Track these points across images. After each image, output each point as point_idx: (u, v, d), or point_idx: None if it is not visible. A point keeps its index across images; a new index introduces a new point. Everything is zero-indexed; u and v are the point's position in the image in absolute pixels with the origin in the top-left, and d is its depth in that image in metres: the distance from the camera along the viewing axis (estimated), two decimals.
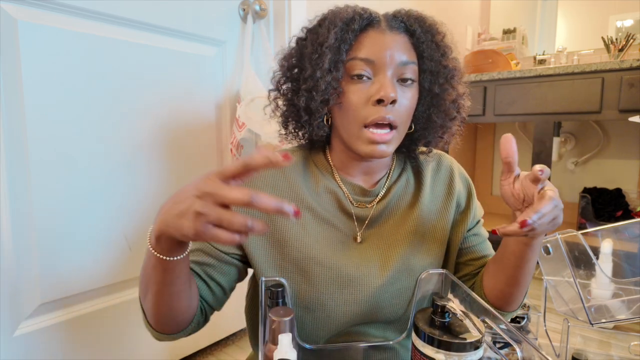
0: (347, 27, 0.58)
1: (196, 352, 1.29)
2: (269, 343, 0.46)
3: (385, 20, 0.60)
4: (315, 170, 0.67)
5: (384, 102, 0.56)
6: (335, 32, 0.58)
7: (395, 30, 0.59)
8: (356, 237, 0.65)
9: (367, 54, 0.58)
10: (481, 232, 0.72)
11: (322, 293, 0.61)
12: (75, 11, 0.92)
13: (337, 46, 0.58)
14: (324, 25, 0.61)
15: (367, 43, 0.58)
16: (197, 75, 1.19)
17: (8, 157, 0.86)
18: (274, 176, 0.65)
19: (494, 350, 0.50)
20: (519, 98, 1.83)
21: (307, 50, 0.62)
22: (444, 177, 0.70)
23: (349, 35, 0.58)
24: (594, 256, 1.09)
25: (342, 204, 0.65)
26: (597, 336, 1.28)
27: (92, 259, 1.01)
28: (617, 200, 2.21)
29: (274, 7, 1.35)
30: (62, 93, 0.92)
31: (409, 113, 0.61)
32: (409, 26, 0.60)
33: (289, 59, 0.65)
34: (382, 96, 0.56)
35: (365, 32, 0.59)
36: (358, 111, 0.58)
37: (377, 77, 0.58)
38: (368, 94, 0.58)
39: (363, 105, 0.58)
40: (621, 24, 2.20)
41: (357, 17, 0.58)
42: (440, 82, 0.62)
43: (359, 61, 0.58)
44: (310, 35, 0.63)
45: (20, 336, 0.91)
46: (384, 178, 0.68)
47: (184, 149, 1.18)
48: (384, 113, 0.57)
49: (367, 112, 0.58)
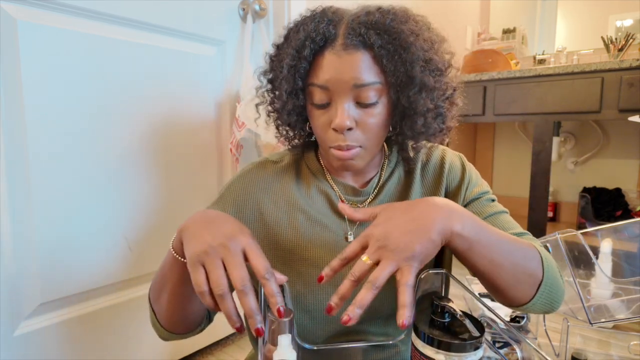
0: (298, 55, 0.56)
1: (196, 351, 1.29)
2: (268, 343, 0.46)
3: (343, 37, 0.55)
4: (307, 172, 0.68)
5: (338, 131, 0.57)
6: (287, 62, 0.57)
7: (351, 49, 0.54)
8: (347, 237, 0.65)
9: (322, 81, 0.56)
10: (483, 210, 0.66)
11: (318, 294, 0.62)
12: (75, 11, 0.92)
13: (292, 75, 0.57)
14: (284, 47, 0.60)
15: (322, 68, 0.56)
16: (197, 75, 1.19)
17: (8, 157, 0.86)
18: (266, 180, 0.66)
19: (494, 350, 0.50)
20: (519, 98, 1.83)
21: (275, 70, 0.62)
22: (433, 169, 0.69)
23: (302, 64, 0.56)
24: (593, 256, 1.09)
25: (333, 205, 0.65)
26: (597, 336, 1.28)
27: (92, 259, 1.01)
28: (616, 199, 2.21)
29: (274, 6, 1.34)
30: (62, 93, 0.92)
31: (377, 130, 0.59)
32: (367, 40, 0.54)
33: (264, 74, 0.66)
34: (336, 126, 0.56)
35: (321, 54, 0.56)
36: (322, 135, 0.59)
37: (334, 104, 0.57)
38: (328, 119, 0.58)
39: (325, 130, 0.58)
40: (621, 23, 2.20)
41: (308, 43, 0.55)
42: (408, 95, 0.56)
43: (316, 88, 0.57)
44: (277, 52, 0.63)
45: (20, 336, 0.91)
46: (376, 177, 0.68)
47: (184, 149, 1.18)
48: (342, 141, 0.57)
49: (329, 137, 0.58)
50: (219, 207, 0.65)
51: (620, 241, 1.16)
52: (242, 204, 0.64)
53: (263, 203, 0.64)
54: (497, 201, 0.69)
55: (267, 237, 0.63)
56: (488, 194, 0.69)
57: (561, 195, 2.47)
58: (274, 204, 0.65)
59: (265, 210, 0.64)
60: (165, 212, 1.15)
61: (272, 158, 0.69)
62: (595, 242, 1.16)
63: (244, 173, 0.67)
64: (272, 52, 0.64)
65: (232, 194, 0.65)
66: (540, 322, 1.24)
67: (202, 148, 1.23)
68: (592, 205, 2.20)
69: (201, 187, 1.24)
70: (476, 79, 1.91)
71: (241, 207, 0.64)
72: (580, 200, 2.24)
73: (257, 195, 0.65)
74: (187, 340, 1.25)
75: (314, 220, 0.64)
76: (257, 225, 0.64)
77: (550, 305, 0.58)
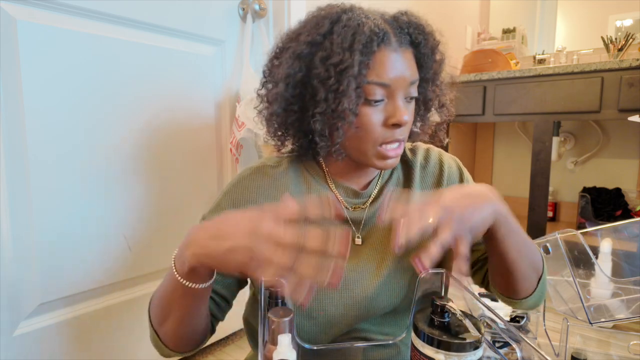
0: (366, 50, 0.54)
1: (196, 351, 1.29)
2: (268, 343, 0.46)
3: (394, 35, 0.56)
4: (307, 177, 0.67)
5: (399, 126, 0.58)
6: (356, 57, 0.54)
7: (404, 46, 0.57)
8: (354, 239, 0.65)
9: (383, 78, 0.56)
10: None
11: (323, 299, 0.61)
12: (74, 11, 0.92)
13: (359, 71, 0.54)
14: (335, 42, 0.55)
15: (382, 65, 0.55)
16: (197, 74, 1.19)
17: (7, 157, 0.86)
18: (265, 185, 0.64)
19: (494, 350, 0.50)
20: (519, 98, 1.83)
21: (316, 70, 0.57)
22: (433, 170, 0.70)
23: (368, 59, 0.55)
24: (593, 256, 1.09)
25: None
26: (597, 335, 1.28)
27: (92, 259, 1.01)
28: (616, 199, 2.21)
29: (274, 6, 1.34)
30: (62, 92, 0.92)
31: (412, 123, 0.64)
32: (414, 39, 0.59)
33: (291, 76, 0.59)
34: (398, 121, 0.57)
35: (378, 51, 0.55)
36: (374, 133, 0.58)
37: (391, 100, 0.58)
38: (383, 117, 0.58)
39: (378, 127, 0.58)
40: (621, 23, 2.20)
41: (374, 38, 0.54)
42: (432, 88, 0.64)
43: (375, 86, 0.56)
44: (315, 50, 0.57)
45: (20, 336, 0.91)
46: (376, 179, 0.68)
47: (184, 149, 1.18)
48: (398, 135, 0.59)
49: (383, 134, 0.58)
50: (216, 213, 0.63)
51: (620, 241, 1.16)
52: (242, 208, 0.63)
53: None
54: None
55: None
56: None
57: (561, 195, 2.47)
58: None
59: None
60: (165, 212, 1.15)
61: (269, 162, 0.67)
62: (595, 242, 1.16)
63: (241, 179, 0.65)
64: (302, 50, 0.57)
65: (229, 200, 0.64)
66: (540, 322, 1.24)
67: (202, 148, 1.23)
68: (592, 205, 2.20)
69: (201, 186, 1.24)
70: (476, 79, 1.92)
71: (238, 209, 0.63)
72: (580, 200, 2.24)
73: (257, 201, 0.63)
74: None
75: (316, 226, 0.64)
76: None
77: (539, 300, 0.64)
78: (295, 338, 0.46)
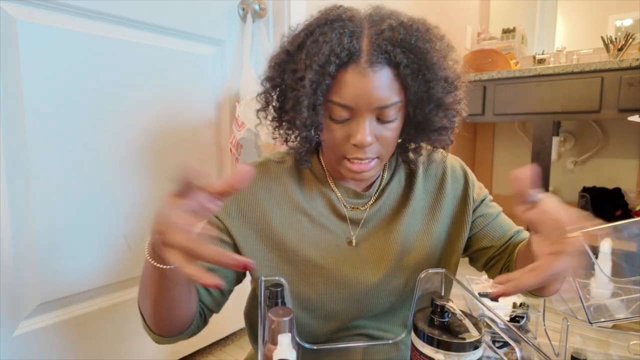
0: (322, 70, 0.52)
1: (196, 351, 1.29)
2: (268, 343, 0.46)
3: (367, 54, 0.52)
4: (308, 174, 0.67)
5: (359, 147, 0.56)
6: (311, 77, 0.53)
7: (376, 66, 0.52)
8: (351, 240, 0.65)
9: (345, 100, 0.53)
10: (488, 212, 0.70)
11: (321, 294, 0.62)
12: (74, 11, 0.92)
13: (314, 90, 0.54)
14: (301, 56, 0.55)
15: (346, 86, 0.53)
16: (197, 74, 1.19)
17: (7, 157, 0.86)
18: (268, 179, 0.65)
19: (493, 350, 0.50)
20: (519, 97, 1.83)
21: (287, 79, 0.58)
22: (435, 172, 0.70)
23: (325, 80, 0.53)
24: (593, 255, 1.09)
25: (335, 208, 0.65)
26: (596, 335, 1.28)
27: (92, 259, 1.01)
28: (616, 199, 2.21)
29: (274, 6, 1.34)
30: (62, 92, 0.92)
31: (393, 142, 0.59)
32: (392, 58, 0.52)
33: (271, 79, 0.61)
34: (358, 142, 0.55)
35: (344, 70, 0.53)
36: (337, 147, 0.58)
37: (355, 120, 0.55)
38: (346, 134, 0.56)
39: (342, 144, 0.57)
40: (620, 23, 2.20)
41: (332, 58, 0.52)
42: (425, 111, 0.57)
43: (337, 106, 0.54)
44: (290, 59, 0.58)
45: (20, 336, 0.91)
46: (377, 180, 0.68)
47: (184, 149, 1.18)
48: (362, 154, 0.57)
49: (345, 150, 0.57)
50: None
51: (620, 241, 1.16)
52: (244, 202, 0.63)
53: (265, 202, 0.64)
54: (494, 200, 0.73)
55: (271, 237, 0.63)
56: (488, 196, 0.72)
57: (561, 195, 2.47)
58: (278, 204, 0.64)
59: (268, 210, 0.64)
60: None
61: (273, 158, 0.68)
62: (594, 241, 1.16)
63: None
64: (281, 58, 0.59)
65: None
66: (539, 321, 1.24)
67: (201, 148, 1.23)
68: (592, 205, 2.20)
69: None
70: (476, 79, 1.92)
71: (243, 205, 0.63)
72: (580, 200, 2.24)
73: (260, 195, 0.64)
74: (187, 341, 1.25)
75: (316, 223, 0.64)
76: (260, 225, 0.63)
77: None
78: (295, 338, 0.46)
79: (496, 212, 0.71)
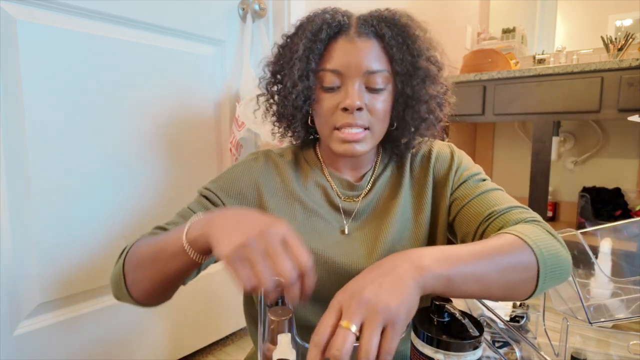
0: (314, 38, 0.60)
1: (196, 351, 1.29)
2: (268, 342, 0.46)
3: (356, 26, 0.61)
4: (305, 166, 0.71)
5: (349, 110, 0.60)
6: (304, 43, 0.60)
7: (364, 37, 0.60)
8: (344, 229, 0.67)
9: (335, 65, 0.60)
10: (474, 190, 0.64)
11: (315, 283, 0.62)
12: (74, 11, 0.92)
13: (307, 56, 0.60)
14: (298, 34, 0.63)
15: (336, 53, 0.60)
16: (197, 74, 1.19)
17: (7, 157, 0.86)
18: (267, 166, 0.69)
19: (493, 350, 0.50)
20: (518, 97, 1.83)
21: (284, 58, 0.65)
22: (421, 159, 0.71)
23: (317, 46, 0.60)
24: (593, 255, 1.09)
25: (330, 198, 0.68)
26: (596, 335, 1.28)
27: (92, 259, 1.01)
28: (616, 199, 2.21)
29: (274, 6, 1.34)
30: (62, 92, 0.92)
31: (383, 115, 0.63)
32: (378, 30, 0.60)
33: (271, 65, 0.68)
34: (347, 105, 0.59)
35: (334, 41, 0.61)
36: (329, 117, 0.62)
37: (345, 86, 0.60)
38: (336, 102, 0.61)
39: (332, 112, 0.61)
40: (620, 23, 2.20)
41: (324, 27, 0.60)
42: (412, 84, 0.62)
43: (328, 72, 0.60)
44: (287, 42, 0.66)
45: (20, 336, 0.91)
46: (370, 172, 0.70)
47: (184, 149, 1.18)
48: (352, 120, 0.60)
49: (336, 118, 0.61)
50: (217, 183, 0.67)
51: (620, 241, 1.16)
52: (244, 183, 0.66)
53: (263, 187, 0.66)
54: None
55: None
56: (478, 175, 0.67)
57: (561, 194, 2.47)
58: (274, 191, 0.67)
59: (265, 195, 0.66)
60: (165, 212, 1.15)
61: (275, 150, 0.72)
62: (594, 241, 1.16)
63: (246, 159, 0.70)
64: (280, 42, 0.67)
65: (231, 174, 0.68)
66: (539, 321, 1.24)
67: (201, 147, 1.23)
68: (592, 204, 2.20)
69: (201, 186, 1.24)
70: (476, 79, 1.91)
71: (242, 185, 0.66)
72: (580, 199, 2.24)
73: (259, 179, 0.67)
74: (188, 340, 1.25)
75: (311, 211, 0.66)
76: (256, 208, 0.66)
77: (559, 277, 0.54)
78: (295, 337, 0.46)
79: (483, 189, 0.64)
